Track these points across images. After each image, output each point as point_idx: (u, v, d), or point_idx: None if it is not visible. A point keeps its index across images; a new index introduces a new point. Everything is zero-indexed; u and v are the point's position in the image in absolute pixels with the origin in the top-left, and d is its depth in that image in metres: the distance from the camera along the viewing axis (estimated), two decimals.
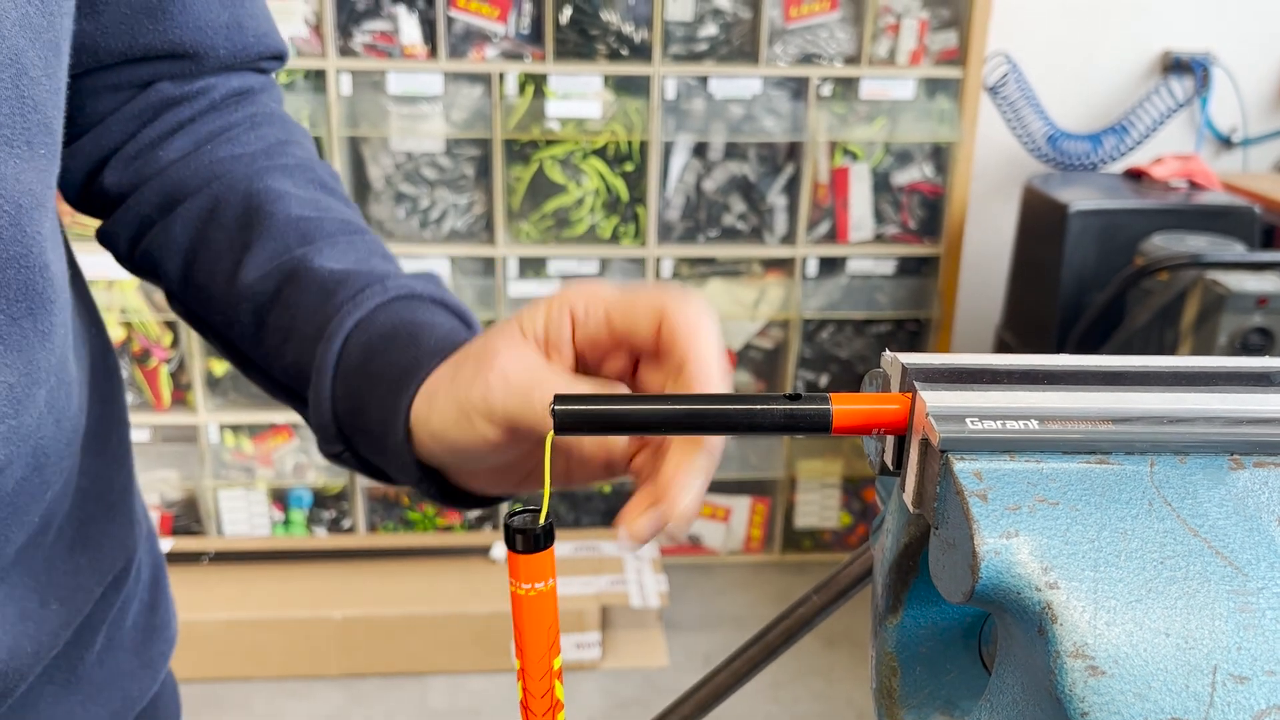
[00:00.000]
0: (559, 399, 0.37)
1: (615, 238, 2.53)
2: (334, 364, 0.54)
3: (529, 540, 0.38)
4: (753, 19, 2.40)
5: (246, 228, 0.60)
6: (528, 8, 2.36)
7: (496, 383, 0.46)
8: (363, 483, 2.66)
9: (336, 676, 2.35)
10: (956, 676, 0.47)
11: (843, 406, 0.36)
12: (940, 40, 2.45)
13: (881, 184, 2.57)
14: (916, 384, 0.36)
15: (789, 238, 2.58)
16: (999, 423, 0.34)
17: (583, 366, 0.50)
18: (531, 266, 2.54)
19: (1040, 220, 2.39)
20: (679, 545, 2.79)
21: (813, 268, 2.59)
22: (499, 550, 2.49)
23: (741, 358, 2.71)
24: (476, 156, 2.48)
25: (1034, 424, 0.34)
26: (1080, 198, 2.30)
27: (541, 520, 0.39)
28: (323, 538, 2.68)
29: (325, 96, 2.34)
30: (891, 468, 0.39)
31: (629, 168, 2.49)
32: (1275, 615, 0.30)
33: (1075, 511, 0.32)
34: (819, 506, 2.82)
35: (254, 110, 0.67)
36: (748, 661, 0.58)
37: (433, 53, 2.35)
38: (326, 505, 2.72)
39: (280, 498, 2.68)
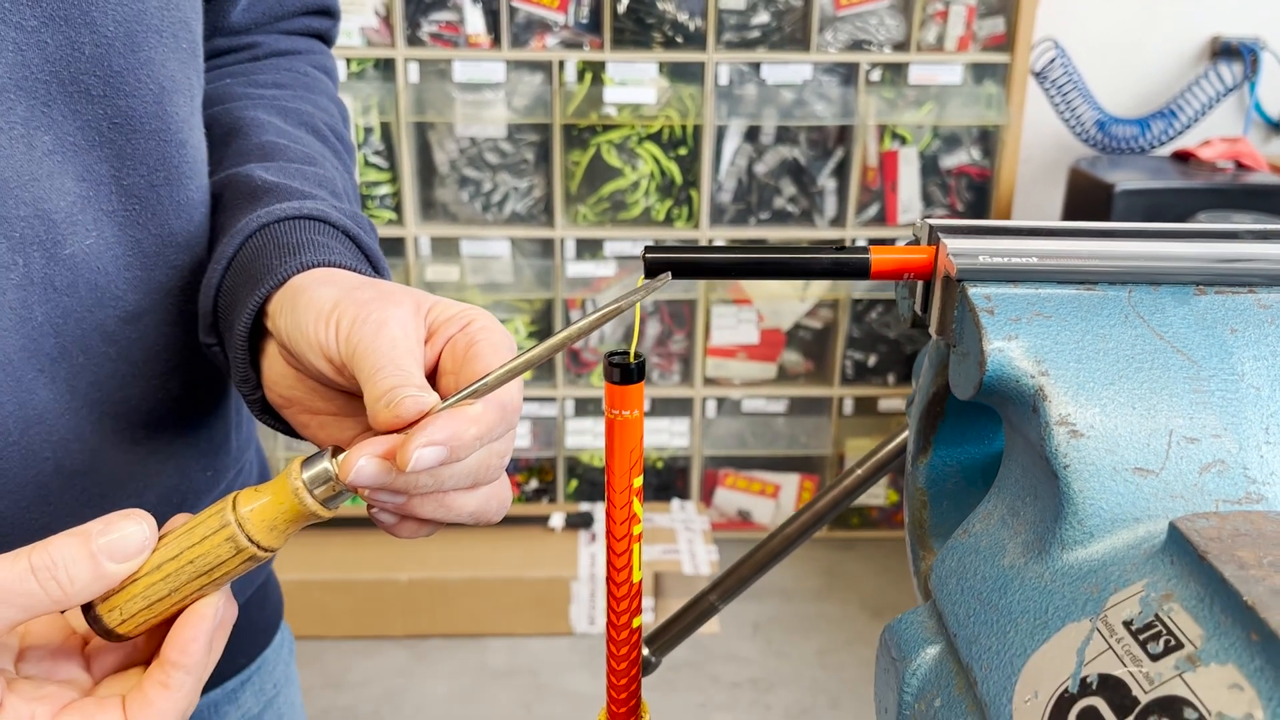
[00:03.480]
0: (649, 249, 0.45)
1: (669, 220, 2.62)
2: (230, 256, 0.57)
3: (624, 372, 0.47)
4: (804, 6, 2.47)
5: (223, 144, 0.67)
6: None
7: (370, 337, 0.46)
8: None
9: (401, 637, 2.46)
10: None
11: (880, 255, 0.44)
12: (988, 26, 2.50)
13: (930, 167, 2.63)
14: (941, 235, 0.44)
15: (838, 220, 2.65)
16: (1006, 259, 0.42)
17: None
18: (588, 248, 2.63)
19: (1086, 201, 2.44)
20: (730, 520, 2.87)
21: None
22: (556, 520, 2.58)
23: (791, 338, 2.78)
24: (536, 142, 2.58)
25: (1034, 260, 0.42)
26: (1126, 178, 2.35)
27: (632, 359, 0.48)
28: None
29: (394, 85, 2.45)
30: (919, 313, 0.47)
31: (683, 152, 2.57)
32: (1222, 395, 0.38)
33: (1064, 322, 0.40)
34: None
35: (287, 65, 0.77)
36: (800, 526, 0.66)
37: (496, 42, 2.45)
38: None
39: None
